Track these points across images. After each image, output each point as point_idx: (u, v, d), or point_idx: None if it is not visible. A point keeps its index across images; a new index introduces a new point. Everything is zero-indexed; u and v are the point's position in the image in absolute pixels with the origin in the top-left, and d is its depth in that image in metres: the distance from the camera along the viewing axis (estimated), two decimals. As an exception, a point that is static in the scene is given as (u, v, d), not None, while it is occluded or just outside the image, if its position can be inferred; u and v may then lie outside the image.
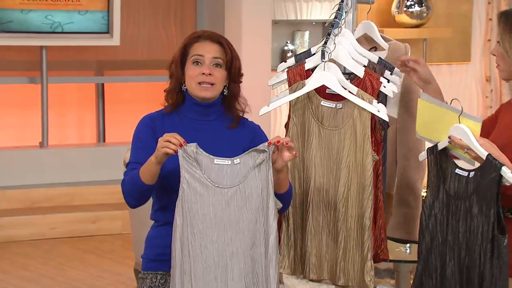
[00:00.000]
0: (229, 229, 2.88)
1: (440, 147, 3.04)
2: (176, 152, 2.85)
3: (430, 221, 3.04)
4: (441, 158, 3.04)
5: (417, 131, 3.17)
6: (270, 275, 2.92)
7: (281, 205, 2.97)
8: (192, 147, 2.87)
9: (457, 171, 3.00)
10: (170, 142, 2.85)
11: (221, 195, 2.88)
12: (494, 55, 3.24)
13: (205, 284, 2.86)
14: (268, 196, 2.91)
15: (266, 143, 2.89)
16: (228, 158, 2.89)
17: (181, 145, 2.85)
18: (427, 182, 3.08)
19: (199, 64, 3.07)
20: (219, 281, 2.87)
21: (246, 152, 2.91)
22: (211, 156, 2.89)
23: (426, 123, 3.11)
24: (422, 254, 3.07)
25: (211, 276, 2.86)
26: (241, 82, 3.16)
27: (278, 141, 2.88)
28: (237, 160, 2.89)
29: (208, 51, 3.07)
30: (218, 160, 2.89)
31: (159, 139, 2.88)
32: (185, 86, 3.11)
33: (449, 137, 2.98)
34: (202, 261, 2.86)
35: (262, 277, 2.92)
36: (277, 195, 2.98)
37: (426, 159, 3.09)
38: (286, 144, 2.89)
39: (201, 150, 2.88)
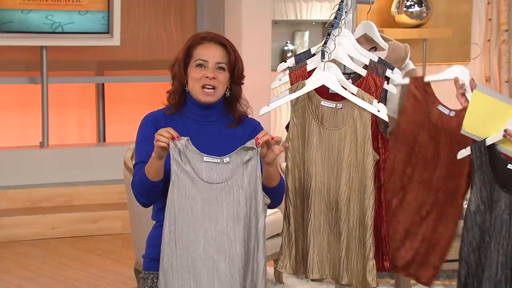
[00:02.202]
0: (216, 224, 2.90)
1: (489, 142, 2.96)
2: (168, 145, 2.87)
3: (477, 218, 2.98)
4: (489, 154, 2.97)
5: (464, 126, 3.05)
6: (259, 272, 2.93)
7: (269, 201, 2.99)
8: (183, 141, 2.89)
9: (510, 166, 2.95)
10: (162, 135, 2.87)
11: (209, 190, 2.90)
12: None
13: (191, 279, 2.87)
14: (256, 191, 2.93)
15: (254, 140, 2.91)
16: (218, 157, 2.91)
17: (172, 138, 2.87)
18: (472, 179, 2.99)
19: (203, 67, 3.08)
20: (206, 276, 2.88)
21: (235, 150, 2.92)
22: (201, 153, 2.91)
23: (476, 117, 3.00)
24: (465, 253, 3.02)
25: (198, 271, 2.87)
26: (242, 83, 3.18)
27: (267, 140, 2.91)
28: (226, 159, 2.91)
29: (212, 55, 3.08)
30: (207, 158, 2.91)
31: (155, 134, 2.90)
32: (187, 87, 3.12)
33: (505, 131, 2.92)
34: (189, 255, 2.87)
35: (249, 272, 2.92)
36: (269, 189, 3.00)
37: (471, 155, 2.99)
38: (272, 139, 2.91)
39: (191, 145, 2.90)
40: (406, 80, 3.24)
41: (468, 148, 3.01)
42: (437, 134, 3.23)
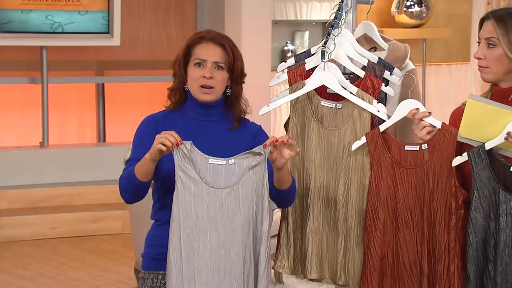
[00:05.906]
0: (222, 230, 2.88)
1: (488, 146, 2.95)
2: (170, 150, 2.86)
3: (481, 223, 2.96)
4: (489, 158, 2.96)
5: (460, 132, 3.04)
6: (259, 275, 2.92)
7: (275, 207, 2.97)
8: (187, 145, 2.88)
9: None
10: (167, 139, 2.86)
11: (215, 195, 2.88)
12: (480, 58, 3.09)
13: (197, 286, 2.87)
14: (262, 198, 2.91)
15: (262, 146, 2.90)
16: (223, 158, 2.90)
17: (177, 144, 2.86)
18: (473, 185, 2.97)
19: (201, 66, 3.08)
20: (211, 282, 2.87)
21: (241, 154, 2.91)
22: (206, 155, 2.90)
23: (472, 124, 3.00)
24: (472, 256, 2.99)
25: (203, 278, 2.86)
26: (243, 82, 3.17)
27: (277, 140, 2.89)
28: (231, 160, 2.90)
29: (210, 54, 3.08)
30: (213, 160, 2.89)
31: (156, 136, 2.89)
32: (187, 86, 3.12)
33: (508, 133, 2.90)
34: (194, 262, 2.86)
35: (251, 274, 2.92)
36: (281, 191, 2.99)
37: (469, 161, 2.96)
38: (287, 141, 2.90)
39: (195, 148, 2.88)
40: (363, 140, 3.14)
41: (464, 154, 3.00)
42: (417, 176, 3.09)
